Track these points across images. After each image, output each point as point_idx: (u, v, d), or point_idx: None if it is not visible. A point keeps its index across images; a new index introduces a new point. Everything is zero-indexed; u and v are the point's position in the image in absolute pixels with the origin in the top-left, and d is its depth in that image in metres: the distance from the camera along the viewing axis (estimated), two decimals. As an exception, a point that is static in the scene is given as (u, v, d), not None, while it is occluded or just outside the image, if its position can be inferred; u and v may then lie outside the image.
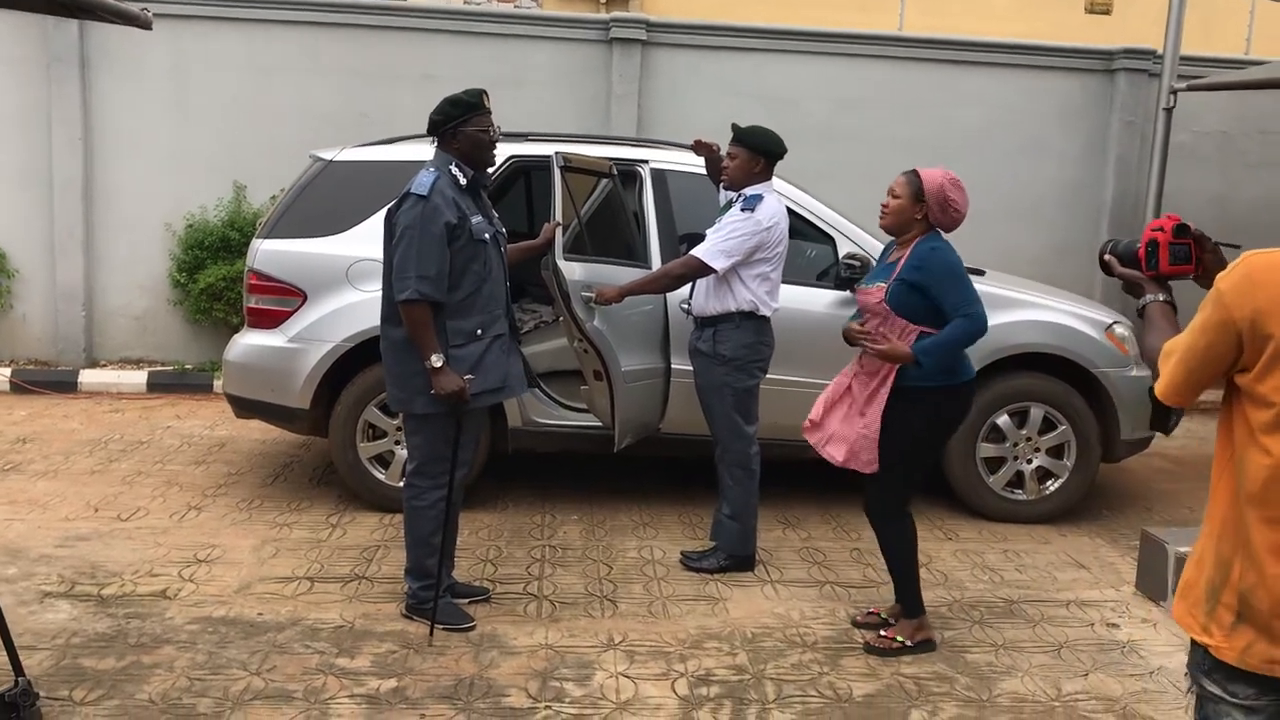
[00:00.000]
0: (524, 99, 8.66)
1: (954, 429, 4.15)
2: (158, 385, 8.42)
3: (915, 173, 4.04)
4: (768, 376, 4.93)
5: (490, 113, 4.06)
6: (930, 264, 3.95)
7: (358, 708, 3.51)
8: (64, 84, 8.64)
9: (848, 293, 5.59)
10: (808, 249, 5.84)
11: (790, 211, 5.10)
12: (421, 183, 3.93)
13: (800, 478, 6.13)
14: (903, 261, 3.99)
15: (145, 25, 4.10)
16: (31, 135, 8.70)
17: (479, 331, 4.06)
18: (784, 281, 4.89)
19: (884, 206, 4.08)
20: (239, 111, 8.80)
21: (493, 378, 4.12)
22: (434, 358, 3.93)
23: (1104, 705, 3.72)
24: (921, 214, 4.00)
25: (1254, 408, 1.98)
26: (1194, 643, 2.09)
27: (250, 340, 5.62)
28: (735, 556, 4.85)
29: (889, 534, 4.18)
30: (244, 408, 5.77)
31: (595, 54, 9.06)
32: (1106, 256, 2.52)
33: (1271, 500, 1.95)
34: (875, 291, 4.01)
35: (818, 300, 5.61)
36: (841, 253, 5.65)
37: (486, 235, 4.04)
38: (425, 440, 4.13)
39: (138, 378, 8.50)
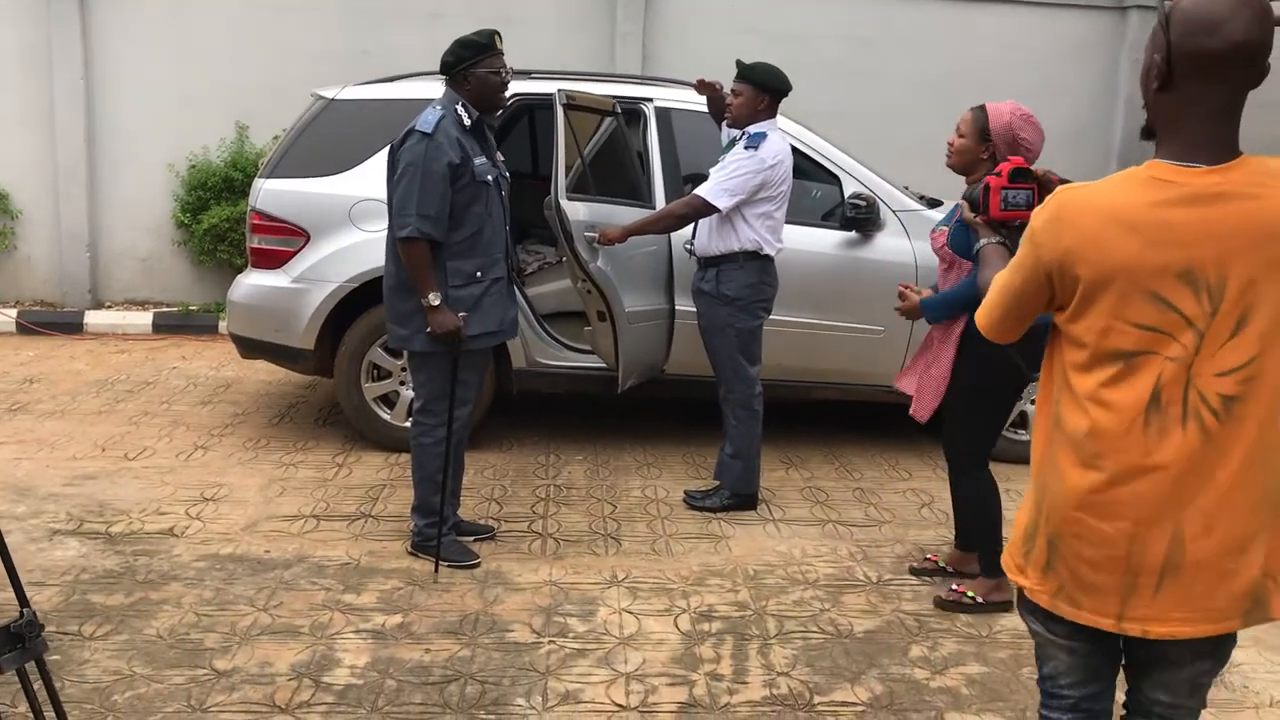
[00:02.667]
0: (529, 38, 8.54)
1: (1024, 379, 3.83)
2: (163, 326, 8.44)
3: (982, 109, 3.83)
4: (772, 317, 4.92)
5: (502, 54, 4.02)
6: None
7: (363, 642, 3.55)
8: (64, 24, 8.55)
9: (853, 233, 5.57)
10: (813, 189, 5.79)
11: (795, 151, 5.05)
12: (426, 120, 3.90)
13: (804, 418, 6.14)
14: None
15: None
16: (33, 76, 8.63)
17: (478, 274, 4.05)
18: (789, 222, 4.86)
19: (950, 144, 3.91)
20: (241, 50, 8.71)
21: (491, 320, 4.12)
22: (431, 295, 3.94)
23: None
24: (988, 153, 3.79)
25: (1069, 346, 1.94)
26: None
27: (254, 280, 5.62)
28: (738, 495, 4.88)
29: (962, 489, 4.08)
30: (249, 348, 5.78)
31: (599, -9, 8.94)
32: (961, 201, 2.57)
33: (1080, 440, 1.91)
34: (938, 236, 3.91)
35: (823, 241, 5.58)
36: (848, 192, 5.60)
37: (489, 177, 4.02)
38: (428, 378, 4.14)
39: (143, 319, 8.51)
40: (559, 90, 4.91)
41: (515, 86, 5.63)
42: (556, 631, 3.67)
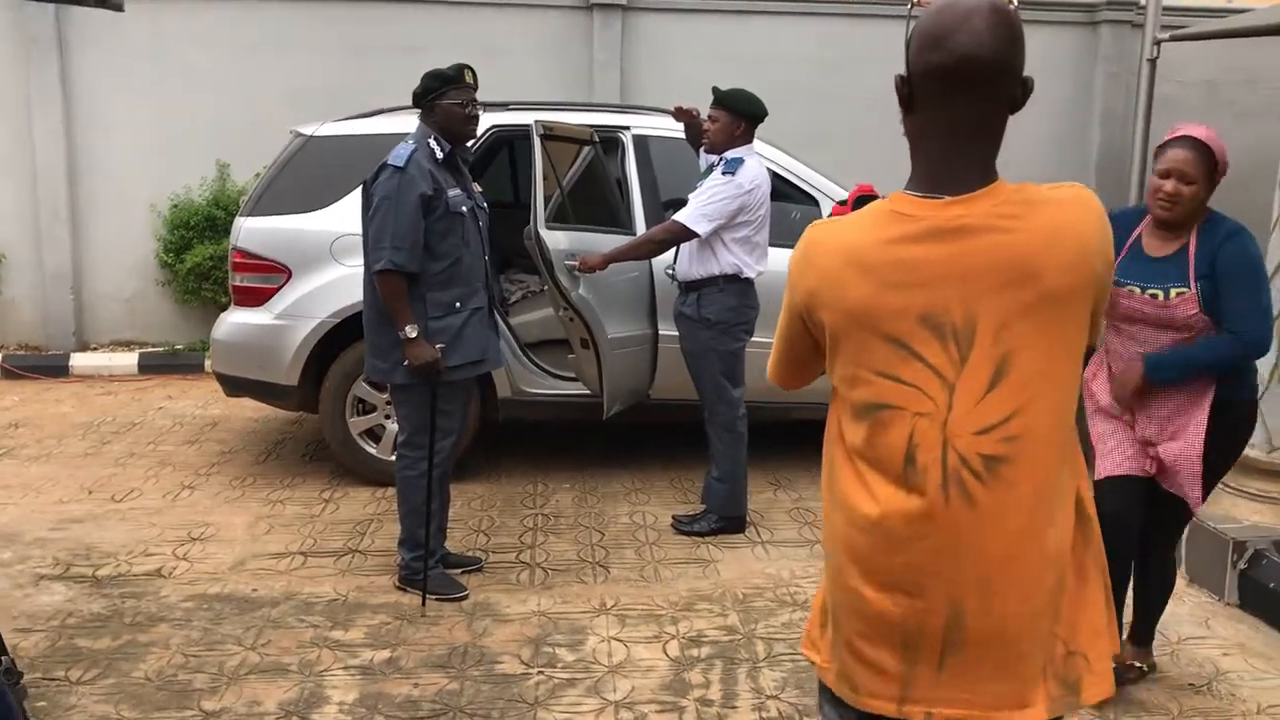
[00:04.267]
0: (507, 69, 8.57)
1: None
2: (149, 366, 8.42)
3: (1198, 141, 3.14)
4: (755, 339, 4.94)
5: (471, 87, 4.06)
6: (1233, 255, 3.11)
7: (352, 679, 3.54)
8: (43, 66, 8.57)
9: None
10: (792, 211, 5.83)
11: (773, 174, 5.09)
12: (398, 154, 3.94)
13: (790, 439, 6.16)
14: (1193, 253, 3.14)
15: (116, 8, 4.07)
16: (12, 119, 8.64)
17: (457, 304, 4.07)
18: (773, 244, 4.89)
19: (1166, 194, 3.12)
20: (220, 89, 8.73)
21: (472, 350, 4.14)
22: (408, 328, 3.96)
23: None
24: (1209, 194, 3.18)
25: (837, 398, 1.74)
26: None
27: (237, 318, 5.62)
28: (726, 518, 4.88)
29: (1172, 571, 3.56)
30: (233, 386, 5.78)
31: (577, 21, 9.01)
32: None
33: (849, 503, 1.69)
34: (1180, 302, 3.11)
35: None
36: (825, 213, 5.64)
37: (464, 208, 4.05)
38: (412, 411, 4.15)
39: (129, 360, 8.50)
40: (536, 121, 4.94)
41: (494, 118, 5.72)
42: (545, 662, 3.67)
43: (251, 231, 5.56)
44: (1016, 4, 1.60)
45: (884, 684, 1.68)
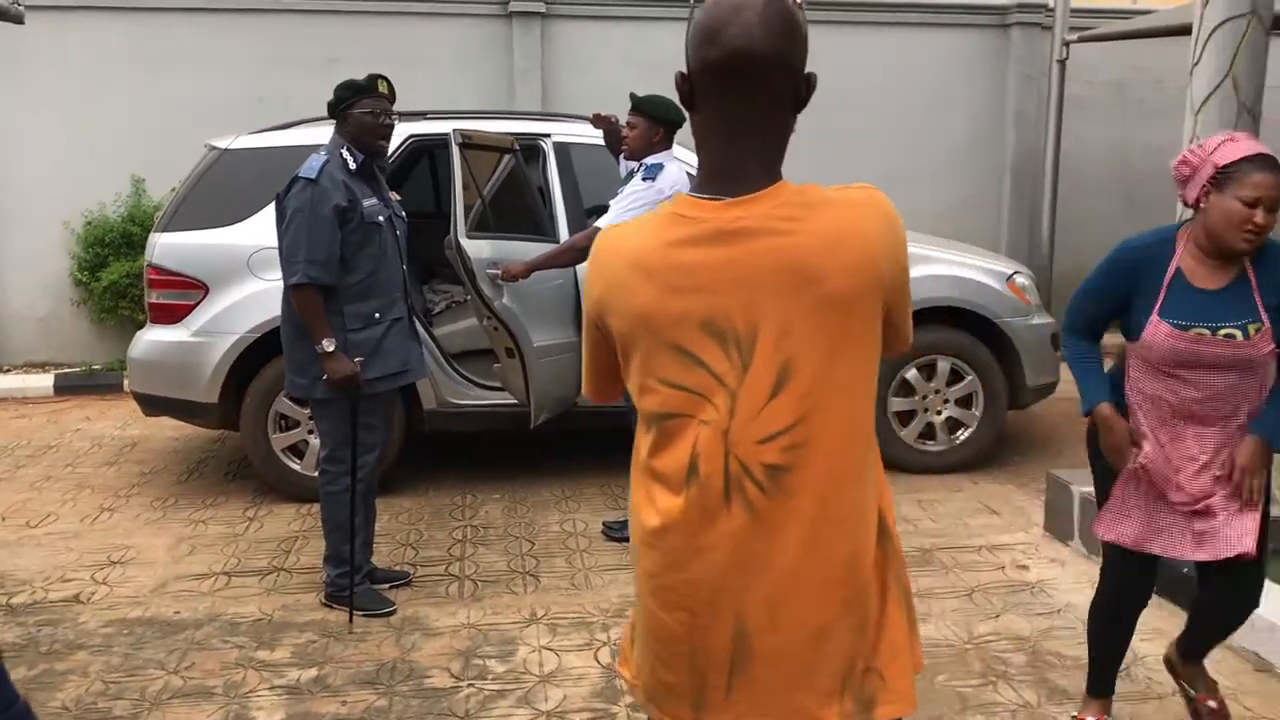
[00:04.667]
0: (428, 78, 8.55)
1: None
2: (66, 388, 8.22)
3: (1277, 163, 2.70)
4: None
5: (385, 97, 4.02)
6: None
7: (278, 699, 3.48)
8: (-54, 82, 8.34)
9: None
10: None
11: (693, 178, 5.11)
12: (310, 166, 3.90)
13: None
14: (1256, 282, 2.79)
15: (17, 20, 3.97)
16: (-86, 137, 8.39)
17: (376, 315, 4.03)
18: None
19: (1256, 226, 2.68)
20: (134, 102, 8.56)
21: (393, 362, 4.10)
22: (325, 342, 3.91)
23: (1014, 645, 3.83)
24: None
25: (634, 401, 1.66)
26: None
27: (154, 336, 5.51)
28: (655, 524, 4.89)
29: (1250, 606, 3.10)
30: (152, 405, 5.65)
31: (496, 29, 9.01)
32: None
33: (640, 518, 1.63)
34: (1259, 338, 2.76)
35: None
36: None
37: (380, 218, 4.01)
38: (333, 426, 4.09)
39: (44, 381, 8.27)
40: (454, 130, 4.92)
41: (412, 127, 5.68)
42: (476, 674, 3.65)
43: (167, 247, 5.45)
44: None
45: (678, 703, 1.64)
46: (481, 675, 3.63)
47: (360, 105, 3.97)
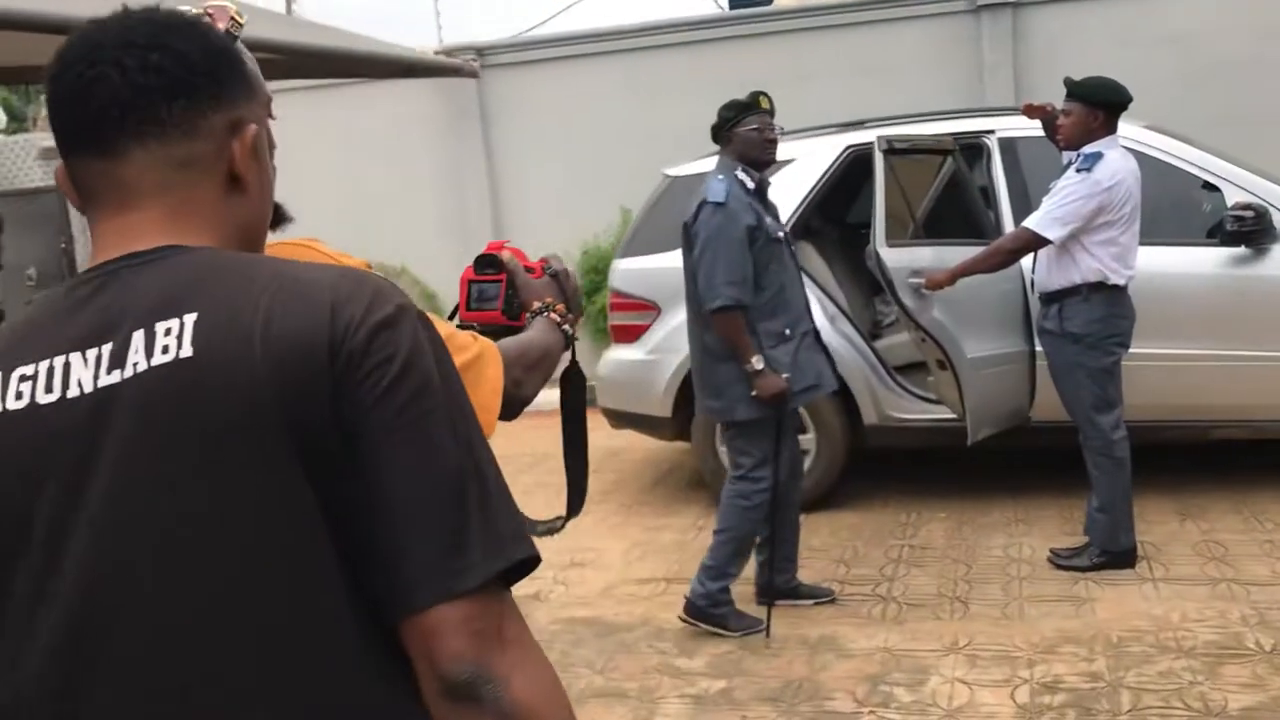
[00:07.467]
0: (895, 83, 8.40)
1: None
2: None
3: None
4: (1149, 352, 4.47)
5: (768, 112, 4.03)
6: None
7: (685, 707, 3.59)
8: (465, 137, 9.65)
9: (1241, 249, 4.91)
10: (1203, 202, 5.21)
11: (1162, 164, 4.60)
12: (715, 190, 3.98)
13: (1206, 463, 5.44)
14: None
15: (472, 75, 4.50)
16: (446, 189, 9.78)
17: (787, 331, 4.03)
18: (1156, 243, 4.41)
19: None
20: (620, 139, 9.29)
21: (808, 375, 4.09)
22: (755, 360, 3.95)
23: None
24: None
25: None
26: None
27: (615, 355, 5.97)
28: (1109, 553, 4.40)
29: None
30: (617, 420, 6.11)
31: (963, 25, 8.64)
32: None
33: None
34: None
35: (1200, 261, 4.97)
36: (1229, 201, 4.97)
37: (780, 234, 4.04)
38: (754, 444, 4.13)
39: (550, 395, 9.22)
40: (878, 137, 4.80)
41: (849, 137, 5.63)
42: (879, 701, 3.51)
43: (624, 272, 5.87)
44: None
45: None
46: (885, 703, 3.49)
47: (745, 123, 4.00)
